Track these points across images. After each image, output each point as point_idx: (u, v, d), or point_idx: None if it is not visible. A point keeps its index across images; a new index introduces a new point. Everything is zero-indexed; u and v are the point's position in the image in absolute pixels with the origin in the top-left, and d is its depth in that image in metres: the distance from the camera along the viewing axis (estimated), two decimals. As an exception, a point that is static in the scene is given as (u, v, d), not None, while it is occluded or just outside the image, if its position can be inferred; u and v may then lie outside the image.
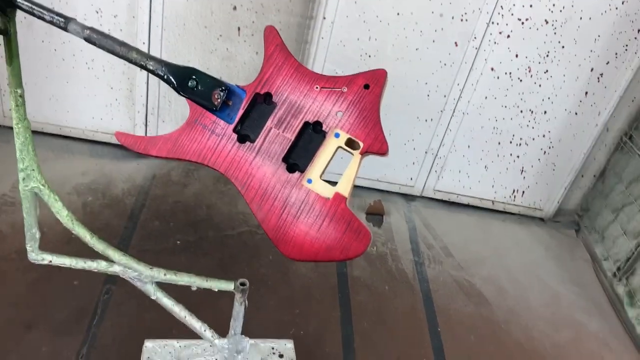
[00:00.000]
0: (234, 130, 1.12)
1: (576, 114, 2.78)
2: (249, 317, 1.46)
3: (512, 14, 2.48)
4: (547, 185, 3.03)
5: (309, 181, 1.08)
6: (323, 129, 1.11)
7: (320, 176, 1.09)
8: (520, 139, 2.86)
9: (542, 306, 2.51)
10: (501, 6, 2.46)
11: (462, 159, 2.92)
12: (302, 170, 1.09)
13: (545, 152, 2.91)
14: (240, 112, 1.12)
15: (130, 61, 1.11)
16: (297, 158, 1.11)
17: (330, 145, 1.10)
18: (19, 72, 1.18)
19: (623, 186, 2.79)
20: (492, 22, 2.50)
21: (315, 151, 1.10)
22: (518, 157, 2.92)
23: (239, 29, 2.52)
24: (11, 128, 3.03)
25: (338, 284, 2.33)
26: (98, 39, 1.10)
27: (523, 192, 3.05)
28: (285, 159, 1.10)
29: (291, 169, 1.10)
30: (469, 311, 2.37)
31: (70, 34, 1.11)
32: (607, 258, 2.79)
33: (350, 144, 1.10)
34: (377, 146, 1.08)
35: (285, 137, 1.10)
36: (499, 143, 2.86)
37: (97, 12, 2.47)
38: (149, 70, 1.12)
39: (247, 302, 1.41)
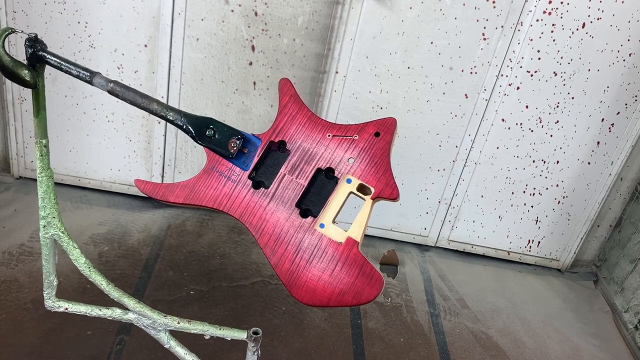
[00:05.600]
0: (249, 177, 1.15)
1: (589, 163, 2.79)
2: (261, 366, 1.45)
3: (521, 67, 2.54)
4: (563, 235, 3.00)
5: (322, 226, 1.10)
6: (335, 175, 1.14)
7: (333, 221, 1.11)
8: (534, 188, 2.86)
9: (562, 359, 2.44)
10: (510, 59, 2.52)
11: (476, 209, 2.92)
12: (315, 216, 1.11)
13: (559, 201, 2.90)
14: (255, 159, 1.15)
15: (151, 112, 1.16)
16: (310, 203, 1.13)
17: (342, 191, 1.12)
18: (45, 123, 1.24)
19: (640, 236, 2.76)
20: (502, 75, 2.56)
21: (328, 197, 1.12)
22: (532, 207, 2.91)
23: (254, 83, 2.61)
24: (31, 179, 3.09)
25: (352, 336, 2.30)
26: (121, 91, 1.16)
27: (539, 242, 3.03)
28: (298, 205, 1.12)
29: (304, 214, 1.12)
30: (487, 364, 2.32)
31: (95, 87, 1.17)
32: (627, 310, 2.72)
33: (362, 189, 1.12)
34: (388, 192, 1.10)
35: (299, 183, 1.13)
36: (513, 193, 2.87)
37: (119, 68, 2.58)
38: (168, 121, 1.17)
39: (260, 352, 1.40)
